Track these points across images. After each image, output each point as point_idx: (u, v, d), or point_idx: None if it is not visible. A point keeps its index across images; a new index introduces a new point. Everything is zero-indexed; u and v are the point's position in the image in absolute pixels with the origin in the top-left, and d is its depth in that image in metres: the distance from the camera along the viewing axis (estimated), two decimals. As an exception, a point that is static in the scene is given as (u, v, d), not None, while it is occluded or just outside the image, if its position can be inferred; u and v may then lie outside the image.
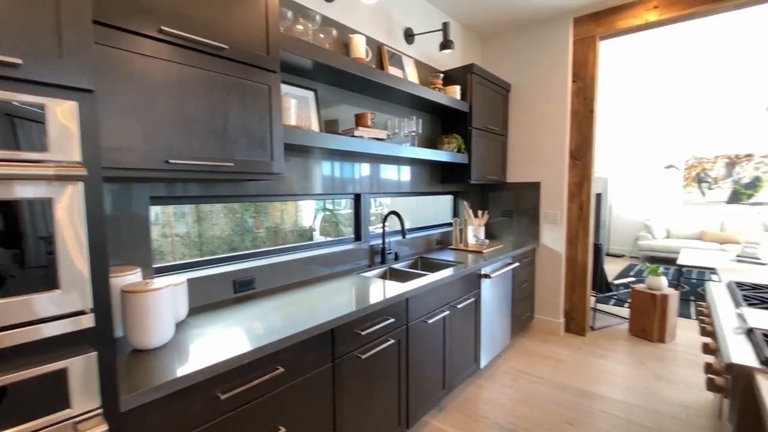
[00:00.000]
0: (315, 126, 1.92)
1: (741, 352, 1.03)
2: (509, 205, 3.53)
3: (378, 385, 1.65)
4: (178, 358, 1.09)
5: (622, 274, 5.56)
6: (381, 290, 1.75)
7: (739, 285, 1.71)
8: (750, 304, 1.43)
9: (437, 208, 3.53)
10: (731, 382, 0.98)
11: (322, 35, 1.88)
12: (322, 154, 2.07)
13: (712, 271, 5.47)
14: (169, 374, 1.00)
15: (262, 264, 1.80)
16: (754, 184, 5.94)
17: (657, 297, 3.08)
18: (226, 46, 1.28)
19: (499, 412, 2.15)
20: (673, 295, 3.10)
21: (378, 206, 2.99)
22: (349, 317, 1.44)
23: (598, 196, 6.36)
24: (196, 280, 1.54)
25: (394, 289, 1.78)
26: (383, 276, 2.37)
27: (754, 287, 1.65)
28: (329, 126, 2.03)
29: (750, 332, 1.17)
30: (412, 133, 2.32)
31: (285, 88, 1.81)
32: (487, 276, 2.52)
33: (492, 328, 2.67)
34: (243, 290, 1.71)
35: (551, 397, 2.29)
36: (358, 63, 1.89)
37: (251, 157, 1.39)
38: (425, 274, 2.14)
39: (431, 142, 2.93)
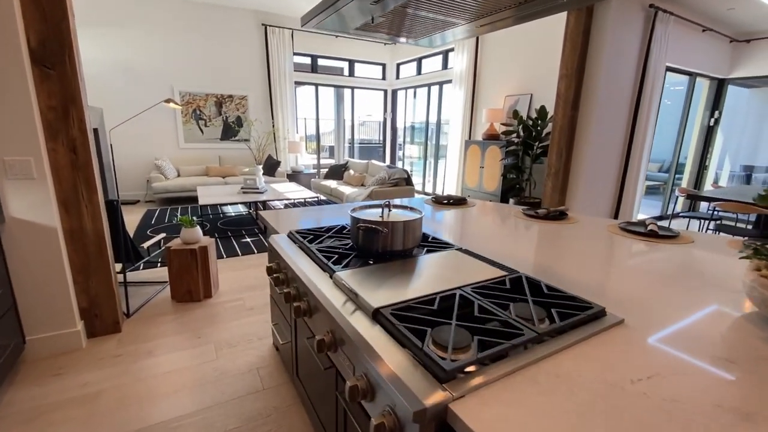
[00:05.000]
0: None
1: (421, 386, 0.68)
2: None
3: None
4: None
5: (145, 227, 4.82)
6: None
7: (301, 234, 1.52)
8: (334, 262, 1.22)
9: None
10: (419, 429, 0.63)
11: None
12: None
13: (224, 204, 5.86)
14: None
15: None
16: (241, 122, 6.90)
17: (197, 251, 2.68)
18: None
19: None
20: (211, 243, 2.82)
21: None
22: None
23: (95, 131, 4.95)
24: None
25: None
26: None
27: (315, 235, 1.52)
28: None
29: (376, 314, 0.89)
30: None
31: None
32: None
33: None
34: None
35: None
36: None
37: None
38: None
39: None
